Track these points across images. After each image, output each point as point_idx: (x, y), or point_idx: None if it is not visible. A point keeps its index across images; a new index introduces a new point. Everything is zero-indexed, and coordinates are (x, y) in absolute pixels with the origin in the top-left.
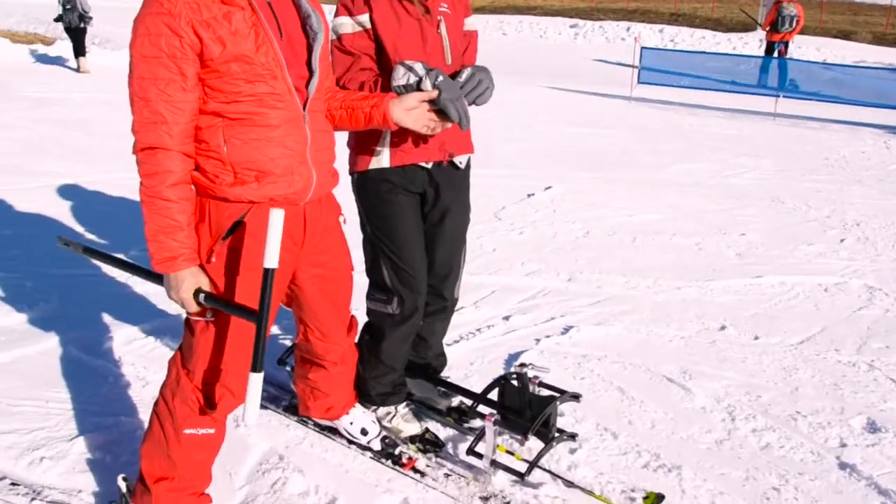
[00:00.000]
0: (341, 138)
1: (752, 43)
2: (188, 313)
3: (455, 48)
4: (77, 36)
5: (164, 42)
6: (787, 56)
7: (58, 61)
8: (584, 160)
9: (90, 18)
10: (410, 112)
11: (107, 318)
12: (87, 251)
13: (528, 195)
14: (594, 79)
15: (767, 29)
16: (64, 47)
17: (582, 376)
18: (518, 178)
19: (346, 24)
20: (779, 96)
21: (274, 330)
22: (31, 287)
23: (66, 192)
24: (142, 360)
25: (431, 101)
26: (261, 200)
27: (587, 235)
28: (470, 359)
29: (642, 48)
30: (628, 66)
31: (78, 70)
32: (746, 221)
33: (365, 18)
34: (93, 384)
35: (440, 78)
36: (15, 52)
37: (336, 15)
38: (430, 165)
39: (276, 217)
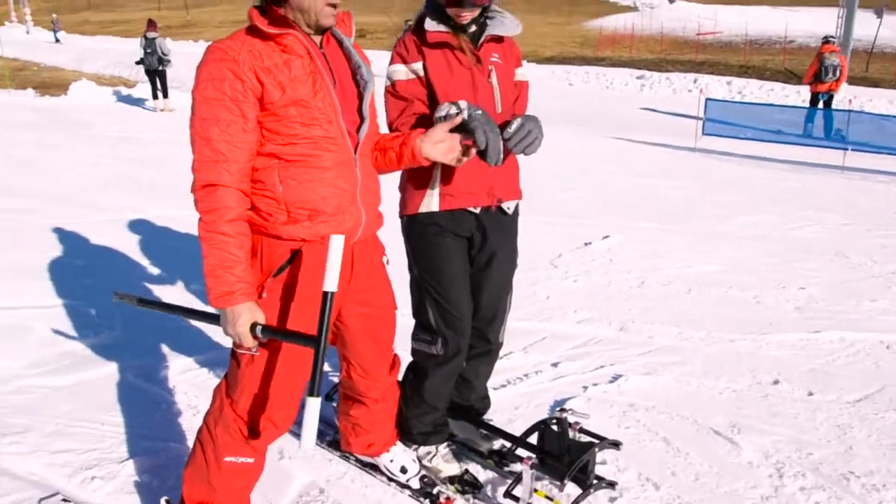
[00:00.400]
0: (392, 182)
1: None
2: (241, 347)
3: (505, 97)
4: (158, 77)
5: (228, 86)
6: (833, 107)
7: (138, 103)
8: (644, 210)
9: (168, 61)
10: (438, 145)
11: (165, 347)
12: (142, 302)
13: (586, 244)
14: (659, 130)
15: (811, 81)
16: (144, 90)
17: (627, 425)
18: (577, 227)
19: (401, 71)
20: (847, 149)
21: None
22: (97, 314)
23: (136, 226)
24: (194, 390)
25: (462, 131)
26: (312, 239)
27: (642, 285)
28: (515, 403)
29: (707, 99)
30: (694, 117)
31: (160, 110)
32: (808, 275)
33: (418, 66)
34: (147, 410)
35: (479, 111)
36: (100, 94)
37: (391, 62)
38: (478, 210)
39: (337, 243)
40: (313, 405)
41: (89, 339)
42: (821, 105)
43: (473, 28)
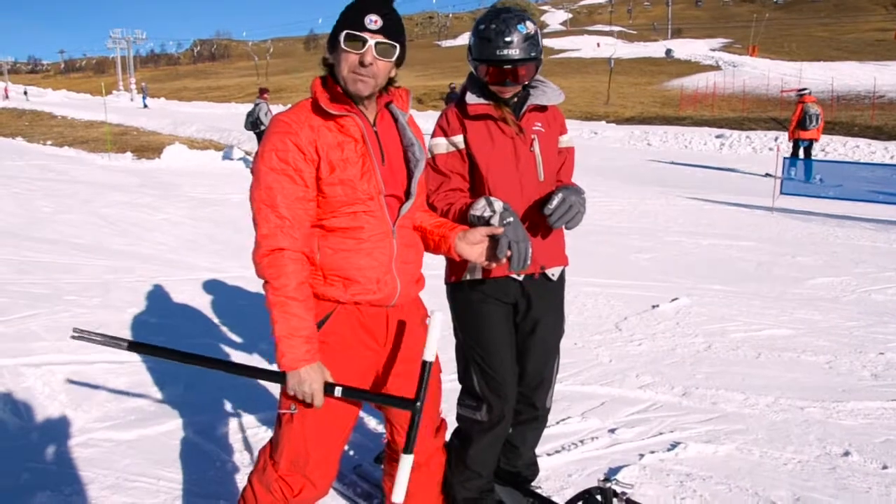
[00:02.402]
0: None
1: None
2: (283, 406)
3: (548, 166)
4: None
5: (291, 157)
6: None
7: (224, 166)
8: (715, 272)
9: (262, 123)
10: (475, 246)
11: (225, 405)
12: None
13: (653, 306)
14: (736, 189)
15: (794, 127)
16: (234, 153)
17: (683, 496)
18: (645, 289)
19: (441, 145)
20: None
21: (375, 427)
22: (164, 371)
23: (211, 285)
24: (250, 448)
25: (494, 237)
26: (346, 301)
27: (708, 349)
28: (568, 470)
29: (784, 158)
30: (773, 176)
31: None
32: (887, 340)
33: (459, 139)
34: (202, 467)
35: (510, 219)
36: (190, 156)
37: (433, 136)
38: (521, 277)
39: (438, 319)
40: (406, 462)
41: (154, 395)
42: (801, 152)
43: (515, 98)
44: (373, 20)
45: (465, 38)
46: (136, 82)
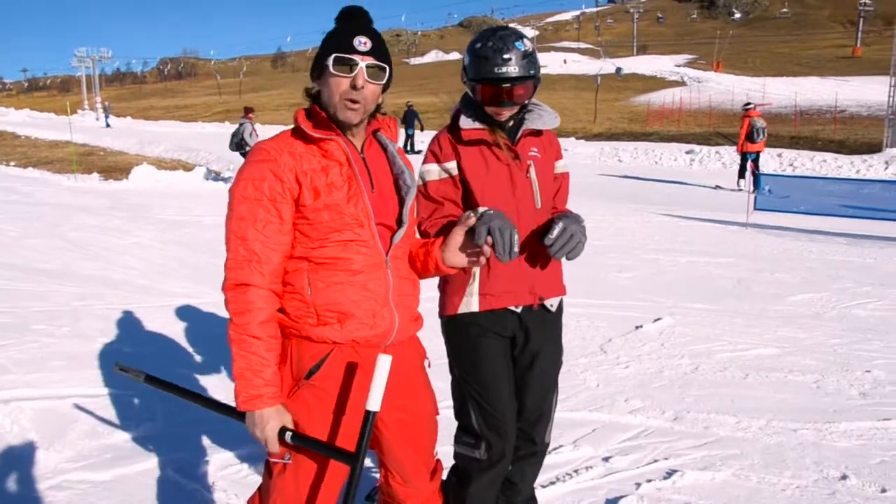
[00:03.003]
0: (431, 282)
1: (877, 165)
2: (269, 454)
3: (545, 192)
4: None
5: (267, 186)
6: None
7: (194, 187)
8: (695, 290)
9: (247, 144)
10: (459, 252)
11: (206, 440)
12: (151, 380)
13: (636, 327)
14: (709, 205)
15: (743, 141)
16: (200, 173)
17: None
18: (627, 309)
19: (433, 171)
20: None
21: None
22: (140, 405)
23: (184, 311)
24: (233, 487)
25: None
26: (343, 342)
27: (696, 371)
28: (564, 502)
29: (758, 175)
30: (744, 191)
31: None
32: (871, 357)
33: (452, 165)
34: None
35: (491, 211)
36: (159, 177)
37: (424, 161)
38: (519, 309)
39: (384, 362)
40: None
41: (131, 430)
42: (749, 164)
43: (511, 123)
44: (362, 42)
45: (432, 56)
46: (101, 101)
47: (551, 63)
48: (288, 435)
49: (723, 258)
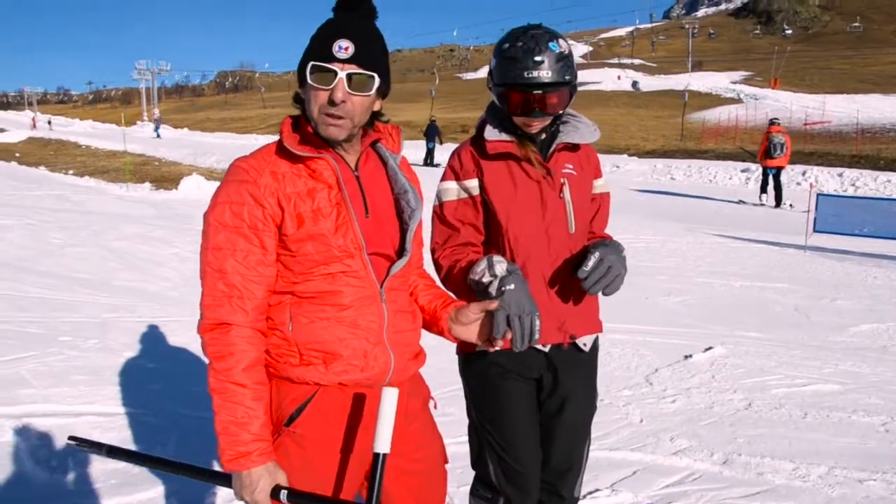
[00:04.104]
0: None
1: None
2: None
3: (580, 215)
4: None
5: (247, 212)
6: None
7: None
8: (749, 318)
9: None
10: (469, 327)
11: (216, 467)
12: (114, 452)
13: (685, 357)
14: (766, 226)
15: (762, 156)
16: None
17: None
18: (675, 337)
19: (451, 191)
20: None
21: None
22: (154, 426)
23: None
24: None
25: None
26: (328, 384)
27: (749, 408)
28: None
29: (818, 195)
30: (804, 212)
31: None
32: None
33: (474, 184)
34: None
35: (510, 286)
36: (207, 188)
37: (442, 178)
38: (547, 348)
39: (390, 397)
40: None
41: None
42: (770, 179)
43: (543, 136)
44: (342, 47)
45: (485, 71)
46: (150, 112)
47: (605, 79)
48: (283, 494)
49: (779, 283)
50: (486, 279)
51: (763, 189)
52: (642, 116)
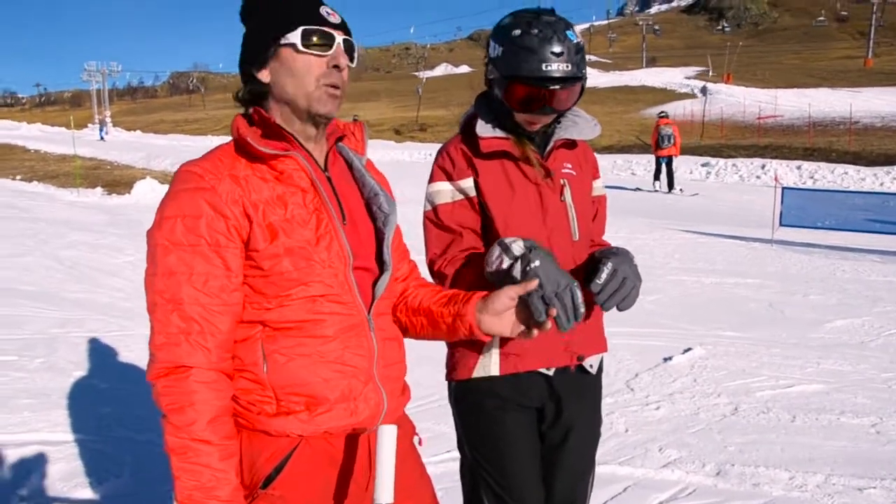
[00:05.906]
0: None
1: None
2: None
3: (583, 220)
4: None
5: (205, 225)
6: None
7: None
8: (725, 316)
9: None
10: (503, 317)
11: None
12: None
13: (665, 359)
14: (731, 220)
15: (654, 147)
16: None
17: None
18: (652, 338)
19: (445, 192)
20: None
21: None
22: (108, 454)
23: None
24: None
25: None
26: (312, 435)
27: (735, 413)
28: None
29: (784, 188)
30: (767, 206)
31: None
32: None
33: (469, 184)
34: None
35: (536, 262)
36: (162, 191)
37: (432, 179)
38: (551, 372)
39: (388, 437)
40: None
41: (94, 487)
42: (663, 167)
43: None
44: (329, 13)
45: (442, 69)
46: (101, 116)
47: None
48: None
49: (750, 278)
50: (505, 264)
51: (656, 177)
52: (597, 113)
